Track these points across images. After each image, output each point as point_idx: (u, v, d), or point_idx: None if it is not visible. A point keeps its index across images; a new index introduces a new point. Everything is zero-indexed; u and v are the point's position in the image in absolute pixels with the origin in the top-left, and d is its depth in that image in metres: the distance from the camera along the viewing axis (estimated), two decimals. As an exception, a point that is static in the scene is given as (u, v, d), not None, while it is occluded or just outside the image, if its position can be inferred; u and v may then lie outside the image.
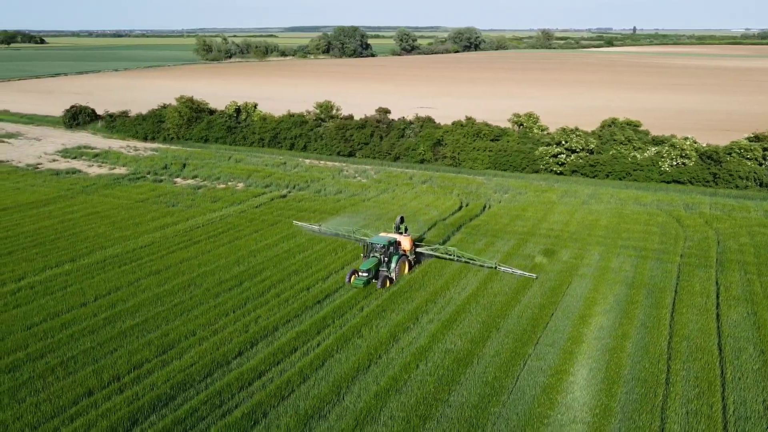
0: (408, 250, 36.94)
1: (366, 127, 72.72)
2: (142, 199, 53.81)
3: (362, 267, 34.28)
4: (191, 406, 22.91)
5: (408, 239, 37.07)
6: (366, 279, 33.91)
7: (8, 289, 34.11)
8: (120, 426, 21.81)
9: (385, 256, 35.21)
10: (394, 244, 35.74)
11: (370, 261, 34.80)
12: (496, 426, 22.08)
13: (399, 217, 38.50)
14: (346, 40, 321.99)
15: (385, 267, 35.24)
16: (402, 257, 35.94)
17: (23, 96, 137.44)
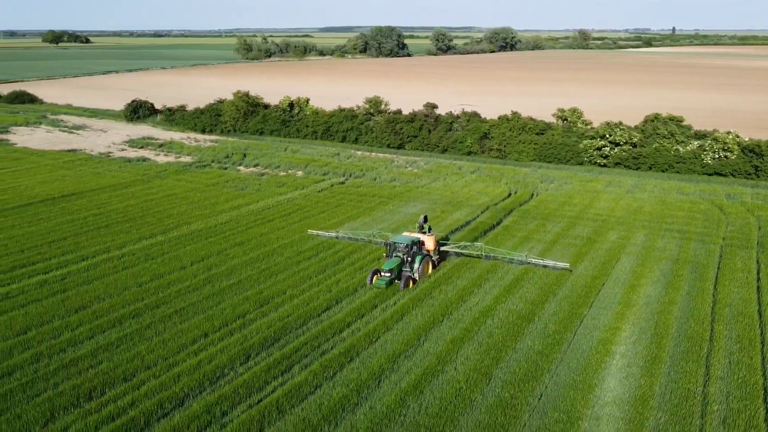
0: (432, 250, 36.33)
1: (415, 120, 76.27)
2: (213, 184, 58.30)
3: (384, 267, 33.65)
4: (294, 346, 26.75)
5: (432, 239, 36.40)
6: (388, 279, 33.19)
7: (114, 254, 38.63)
8: (236, 359, 25.74)
9: (408, 256, 34.47)
10: (417, 244, 34.94)
11: (392, 261, 34.09)
12: (560, 368, 25.39)
13: (422, 217, 37.42)
14: (383, 40, 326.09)
15: (408, 267, 34.53)
16: (425, 257, 35.25)
17: (81, 92, 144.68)
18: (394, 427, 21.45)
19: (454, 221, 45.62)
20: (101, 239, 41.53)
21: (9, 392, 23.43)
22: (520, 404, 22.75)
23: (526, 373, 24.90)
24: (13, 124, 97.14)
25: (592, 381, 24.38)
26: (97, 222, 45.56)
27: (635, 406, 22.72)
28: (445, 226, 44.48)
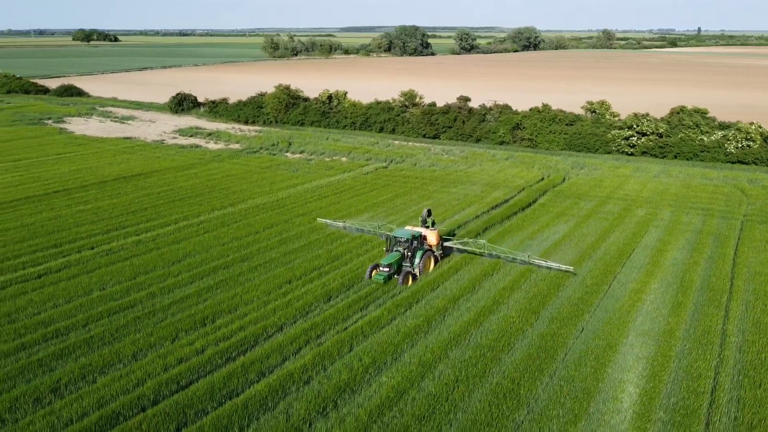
0: (434, 245, 35.30)
1: (449, 112, 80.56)
2: (266, 167, 63.16)
3: (383, 261, 32.63)
4: (368, 290, 31.25)
5: (434, 234, 35.28)
6: (387, 275, 32.27)
7: (193, 221, 43.55)
8: (320, 299, 30.28)
9: (409, 251, 33.55)
10: (418, 239, 33.81)
11: (392, 256, 33.24)
12: (598, 310, 29.57)
13: (426, 210, 36.23)
14: (408, 39, 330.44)
15: (408, 262, 33.57)
16: (427, 252, 34.24)
17: (121, 86, 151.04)
18: (460, 347, 25.80)
19: (493, 199, 49.83)
20: (178, 210, 46.49)
21: (136, 319, 28.23)
22: (565, 334, 27.00)
23: (568, 313, 29.12)
24: (66, 114, 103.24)
25: (626, 319, 28.53)
26: (171, 196, 50.57)
27: (664, 337, 26.84)
28: (486, 203, 48.68)
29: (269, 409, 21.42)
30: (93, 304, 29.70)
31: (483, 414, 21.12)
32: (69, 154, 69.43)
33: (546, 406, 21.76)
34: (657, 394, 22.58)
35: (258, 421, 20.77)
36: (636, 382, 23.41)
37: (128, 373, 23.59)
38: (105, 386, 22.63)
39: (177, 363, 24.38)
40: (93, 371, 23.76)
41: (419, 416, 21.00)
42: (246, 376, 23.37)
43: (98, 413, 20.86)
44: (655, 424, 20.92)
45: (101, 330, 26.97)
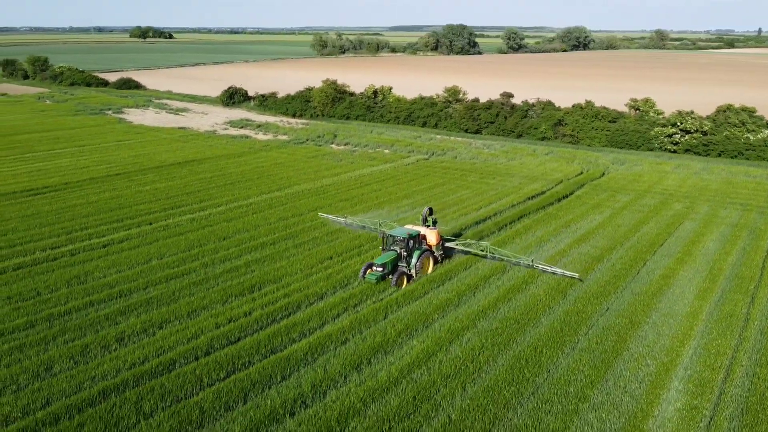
0: (434, 245, 33.63)
1: (492, 108, 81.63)
2: (312, 156, 65.74)
3: (377, 261, 31.28)
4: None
5: (434, 233, 33.65)
6: (380, 275, 30.85)
7: (242, 203, 46.29)
8: (357, 274, 32.27)
9: (406, 251, 32.05)
10: (415, 238, 32.21)
11: (387, 255, 31.80)
12: (624, 292, 30.69)
13: (427, 209, 34.75)
14: (455, 38, 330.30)
15: (404, 262, 32.05)
16: (425, 252, 32.58)
17: (176, 80, 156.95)
18: (488, 319, 27.40)
19: (530, 190, 50.97)
20: (229, 193, 49.35)
21: (190, 284, 30.83)
22: (590, 312, 28.30)
23: (595, 293, 30.35)
24: (125, 106, 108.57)
25: (652, 300, 29.59)
26: (222, 180, 53.57)
27: (687, 318, 27.85)
28: (523, 194, 49.85)
29: (309, 363, 23.56)
30: (152, 271, 32.52)
31: (504, 375, 22.75)
32: (128, 141, 73.62)
33: (565, 372, 23.22)
34: (674, 366, 23.76)
35: (298, 373, 22.91)
36: (655, 355, 24.59)
37: (184, 328, 26.11)
38: (163, 338, 25.19)
39: (227, 322, 26.80)
40: (152, 326, 26.39)
41: (445, 374, 22.78)
42: (289, 336, 25.58)
43: (157, 360, 23.39)
44: (668, 392, 22.14)
45: (159, 293, 29.68)
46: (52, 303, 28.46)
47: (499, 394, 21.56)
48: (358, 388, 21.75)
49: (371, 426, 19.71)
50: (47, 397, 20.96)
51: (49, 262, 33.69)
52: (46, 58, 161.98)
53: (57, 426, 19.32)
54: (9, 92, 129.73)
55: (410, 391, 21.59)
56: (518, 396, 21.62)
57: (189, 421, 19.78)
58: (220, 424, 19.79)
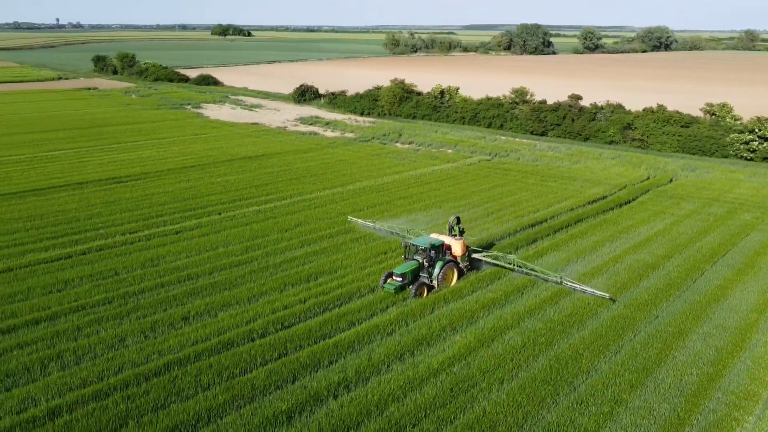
0: (459, 256, 32.51)
1: (559, 110, 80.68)
2: (375, 154, 67.30)
3: (397, 270, 30.39)
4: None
5: (460, 243, 32.47)
6: (400, 284, 29.98)
7: (305, 197, 48.34)
8: (410, 269, 33.41)
9: (428, 261, 31.05)
10: (438, 248, 31.16)
11: (408, 264, 30.98)
12: (677, 301, 30.37)
13: (454, 217, 33.49)
14: (528, 37, 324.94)
15: (426, 273, 31.11)
16: (449, 263, 31.57)
17: (252, 77, 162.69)
18: (533, 320, 27.89)
19: (591, 194, 50.48)
20: (294, 187, 51.56)
21: (252, 272, 32.85)
22: (638, 318, 28.27)
23: (645, 300, 30.21)
24: (203, 101, 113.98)
25: (704, 312, 29.18)
26: (288, 175, 55.93)
27: (740, 331, 27.36)
28: (583, 198, 49.45)
29: (355, 351, 24.91)
30: (218, 258, 34.81)
31: (543, 374, 23.31)
32: (204, 135, 77.62)
33: (605, 375, 23.51)
34: (719, 378, 23.59)
35: (345, 359, 24.31)
36: (700, 365, 24.44)
37: (243, 312, 28.06)
38: (224, 320, 27.20)
39: (283, 308, 28.54)
40: (215, 308, 28.49)
41: (484, 369, 23.58)
42: (338, 324, 27.03)
43: (217, 338, 25.37)
44: (710, 402, 22.08)
45: (223, 278, 31.86)
46: (128, 282, 31.12)
47: (535, 392, 22.18)
48: (398, 377, 22.92)
49: (408, 412, 20.81)
50: (119, 365, 23.26)
51: (127, 245, 36.67)
52: (134, 55, 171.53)
53: (126, 391, 21.49)
54: (99, 86, 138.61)
55: (448, 383, 22.56)
56: (554, 395, 22.16)
57: (241, 396, 21.52)
58: (269, 400, 21.42)
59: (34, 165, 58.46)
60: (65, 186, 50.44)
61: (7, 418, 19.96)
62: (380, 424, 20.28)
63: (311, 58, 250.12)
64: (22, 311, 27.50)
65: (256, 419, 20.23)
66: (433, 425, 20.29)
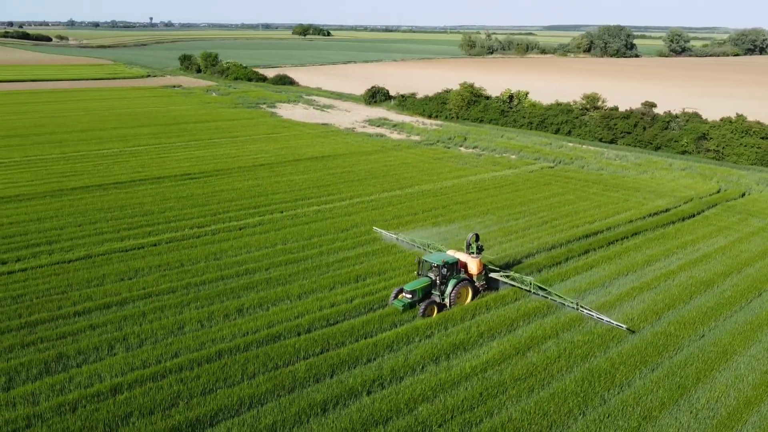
0: (475, 275, 31.22)
1: (630, 117, 78.69)
2: (438, 158, 68.17)
3: (407, 287, 29.65)
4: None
5: (476, 261, 31.18)
6: (409, 302, 29.21)
7: (364, 199, 49.92)
8: (457, 275, 34.21)
9: (440, 278, 30.05)
10: (452, 265, 30.22)
11: (419, 281, 30.15)
12: (727, 321, 29.73)
13: (472, 234, 32.16)
14: (610, 39, 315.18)
15: (438, 290, 30.22)
16: (463, 282, 30.42)
17: (326, 77, 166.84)
18: (572, 332, 28.07)
19: (654, 207, 49.38)
20: (354, 188, 53.28)
21: (305, 269, 34.60)
22: (682, 336, 27.95)
23: (692, 319, 29.73)
24: (278, 101, 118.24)
25: (755, 333, 28.46)
26: (350, 177, 57.75)
27: (790, 356, 26.60)
28: (645, 210, 48.44)
29: (393, 351, 26.08)
30: (276, 254, 36.86)
31: (574, 385, 23.67)
32: (275, 135, 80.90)
33: (637, 391, 23.59)
34: (758, 402, 23.17)
35: (382, 358, 25.53)
36: (740, 388, 24.05)
37: (293, 307, 29.80)
38: (274, 314, 29.01)
39: (330, 306, 30.09)
40: (267, 302, 30.39)
41: (516, 377, 24.19)
42: (381, 324, 28.27)
43: (266, 331, 27.20)
44: (744, 425, 21.82)
45: (278, 274, 33.81)
46: (192, 274, 33.62)
47: (563, 403, 22.63)
48: (431, 378, 23.92)
49: (436, 412, 21.79)
50: (176, 350, 25.47)
51: (194, 239, 39.40)
52: (216, 55, 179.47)
53: (180, 374, 23.60)
54: (183, 84, 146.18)
55: (478, 388, 23.35)
56: (583, 407, 22.53)
57: (282, 386, 23.15)
58: (307, 392, 22.95)
59: (118, 159, 63.07)
60: (144, 180, 54.32)
61: (75, 391, 22.44)
62: (408, 421, 21.37)
63: (386, 59, 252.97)
64: (96, 296, 30.40)
65: (293, 408, 21.79)
66: (458, 427, 21.19)
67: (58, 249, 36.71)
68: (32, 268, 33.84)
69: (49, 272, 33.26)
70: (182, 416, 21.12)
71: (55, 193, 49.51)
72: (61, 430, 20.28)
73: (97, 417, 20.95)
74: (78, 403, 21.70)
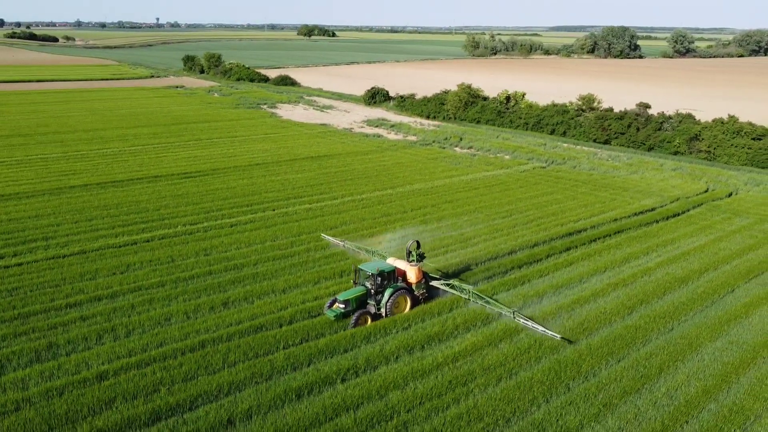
0: (414, 283, 30.43)
1: (624, 118, 79.49)
2: (432, 158, 69.18)
3: (341, 296, 28.81)
4: (480, 270, 35.51)
5: (415, 270, 30.36)
6: (341, 312, 28.35)
7: (355, 198, 50.99)
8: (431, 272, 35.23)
9: (375, 287, 29.15)
10: (388, 274, 29.33)
11: (353, 290, 29.25)
12: (697, 315, 30.63)
13: (412, 241, 31.49)
14: (614, 40, 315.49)
15: (373, 300, 29.31)
16: (400, 291, 29.52)
17: (329, 78, 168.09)
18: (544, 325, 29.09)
19: (639, 206, 50.22)
20: (346, 187, 54.36)
21: (292, 265, 35.62)
22: (651, 329, 28.89)
23: (663, 312, 30.68)
24: (279, 101, 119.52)
25: (722, 328, 29.33)
26: (344, 176, 58.85)
27: (755, 348, 27.46)
28: (630, 209, 49.27)
29: (370, 342, 27.12)
30: (264, 250, 37.98)
31: (541, 375, 24.63)
32: (273, 134, 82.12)
33: (602, 380, 24.55)
34: (717, 391, 24.10)
35: (359, 348, 26.57)
36: (702, 378, 24.96)
37: (277, 300, 30.89)
38: (258, 307, 30.11)
39: (313, 299, 31.15)
40: (253, 295, 31.49)
41: (486, 367, 25.20)
42: (360, 317, 29.32)
43: (249, 323, 28.32)
44: (701, 413, 22.73)
45: (265, 269, 34.92)
46: (181, 269, 34.76)
47: (529, 390, 23.62)
48: (404, 367, 24.97)
49: (405, 399, 22.83)
50: (162, 340, 26.61)
51: (186, 236, 40.56)
52: (219, 55, 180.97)
53: (164, 362, 24.72)
54: (186, 85, 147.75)
55: (449, 376, 24.38)
56: (547, 395, 23.51)
57: (261, 374, 24.24)
58: (284, 379, 24.04)
59: (118, 159, 64.40)
60: (142, 179, 55.59)
61: (63, 378, 23.61)
62: (378, 407, 22.42)
63: (388, 60, 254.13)
64: (88, 289, 31.60)
65: (269, 394, 22.88)
66: (425, 412, 22.22)
67: (54, 245, 37.98)
68: (28, 262, 35.09)
69: (44, 266, 34.51)
70: (163, 401, 22.24)
71: (54, 191, 50.83)
72: (47, 413, 21.42)
73: (82, 401, 22.09)
74: (65, 389, 22.86)
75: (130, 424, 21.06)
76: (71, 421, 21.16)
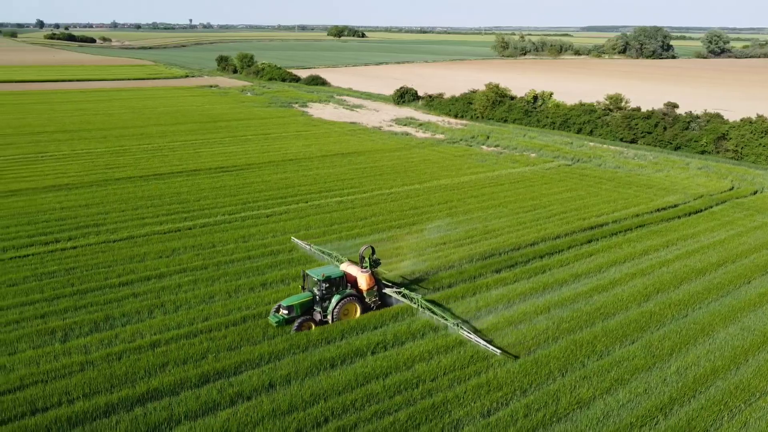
0: (365, 290, 29.53)
1: (651, 117, 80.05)
2: (459, 155, 70.90)
3: (284, 302, 28.12)
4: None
5: (366, 276, 29.49)
6: (284, 318, 27.71)
7: (384, 192, 53.10)
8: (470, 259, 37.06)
9: (321, 294, 28.41)
10: (335, 280, 28.60)
11: (299, 296, 28.62)
12: (713, 304, 31.92)
13: (366, 247, 30.78)
14: (646, 40, 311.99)
15: (319, 306, 28.62)
16: (348, 298, 28.75)
17: (359, 78, 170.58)
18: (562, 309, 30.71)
19: (662, 203, 51.25)
20: (375, 182, 56.50)
21: (325, 252, 37.96)
22: (666, 315, 30.34)
23: (679, 300, 32.08)
24: (309, 101, 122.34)
25: (736, 315, 30.62)
26: (373, 172, 61.00)
27: (765, 334, 28.72)
28: (653, 205, 50.32)
29: (398, 321, 29.11)
30: (299, 238, 40.27)
31: (558, 352, 26.34)
32: (305, 132, 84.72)
33: (615, 358, 26.18)
34: (725, 370, 25.52)
35: (387, 326, 28.55)
36: (711, 359, 26.38)
37: (311, 283, 33.07)
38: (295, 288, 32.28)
39: (344, 283, 33.25)
40: (289, 278, 33.75)
41: (505, 344, 27.01)
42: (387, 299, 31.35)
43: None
44: (709, 388, 24.20)
45: (300, 255, 37.21)
46: (222, 254, 37.26)
47: (546, 365, 25.35)
48: (429, 343, 26.91)
49: (430, 369, 24.80)
50: (207, 315, 29.05)
51: (226, 224, 43.12)
52: (252, 56, 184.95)
53: (209, 334, 27.14)
54: (220, 84, 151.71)
55: (470, 352, 26.25)
56: (563, 370, 25.22)
57: (297, 345, 26.36)
58: (319, 351, 26.16)
59: (158, 154, 67.58)
60: (181, 172, 58.53)
61: (120, 345, 26.17)
62: (405, 376, 24.44)
63: (417, 60, 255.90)
64: (138, 270, 34.28)
65: (305, 363, 25.09)
66: (448, 381, 24.18)
67: (104, 230, 40.88)
68: (82, 246, 38.02)
69: (97, 250, 37.39)
70: (210, 366, 24.61)
71: (100, 182, 54.02)
72: (108, 373, 23.95)
73: (139, 365, 24.59)
74: (123, 354, 25.41)
75: (182, 385, 23.46)
76: (130, 381, 23.65)
